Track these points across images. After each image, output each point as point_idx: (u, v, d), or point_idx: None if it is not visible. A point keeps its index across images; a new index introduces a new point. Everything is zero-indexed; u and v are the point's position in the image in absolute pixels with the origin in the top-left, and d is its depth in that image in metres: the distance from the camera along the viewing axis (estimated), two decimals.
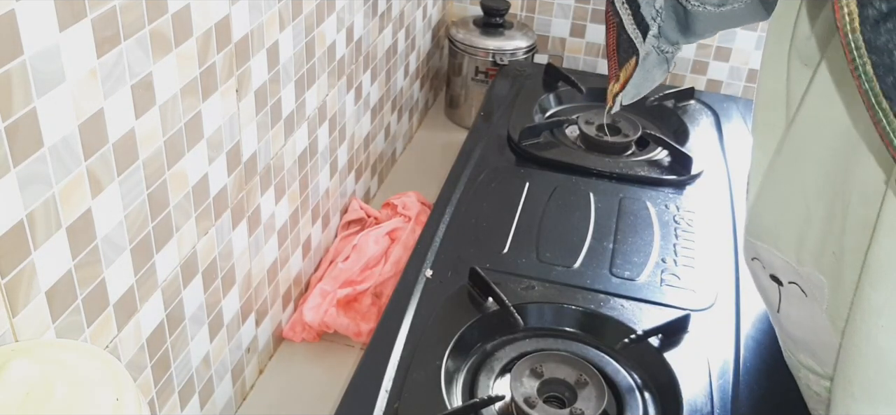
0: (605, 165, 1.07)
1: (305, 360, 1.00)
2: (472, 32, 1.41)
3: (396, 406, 0.71)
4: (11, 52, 0.49)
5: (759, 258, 0.72)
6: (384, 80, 1.24)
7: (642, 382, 0.77)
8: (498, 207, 0.98)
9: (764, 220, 0.71)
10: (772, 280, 0.72)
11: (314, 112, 0.98)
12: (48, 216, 0.55)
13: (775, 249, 0.69)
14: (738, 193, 1.03)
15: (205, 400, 0.84)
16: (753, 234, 0.72)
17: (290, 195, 0.96)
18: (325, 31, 0.96)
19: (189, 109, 0.70)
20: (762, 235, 0.71)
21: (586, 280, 0.87)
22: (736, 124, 1.19)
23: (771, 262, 0.71)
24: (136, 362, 0.70)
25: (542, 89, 1.25)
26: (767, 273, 0.72)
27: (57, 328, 0.58)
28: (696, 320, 0.82)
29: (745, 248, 0.75)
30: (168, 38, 0.65)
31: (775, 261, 0.70)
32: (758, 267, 0.74)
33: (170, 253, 0.71)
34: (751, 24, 1.42)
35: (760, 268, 0.73)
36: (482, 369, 0.78)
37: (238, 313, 0.88)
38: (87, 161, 0.58)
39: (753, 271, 0.76)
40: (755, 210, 0.72)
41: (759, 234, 0.71)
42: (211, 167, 0.76)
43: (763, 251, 0.71)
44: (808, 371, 0.71)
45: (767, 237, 0.70)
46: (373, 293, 1.04)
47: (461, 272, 0.86)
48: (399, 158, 1.41)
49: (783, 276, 0.70)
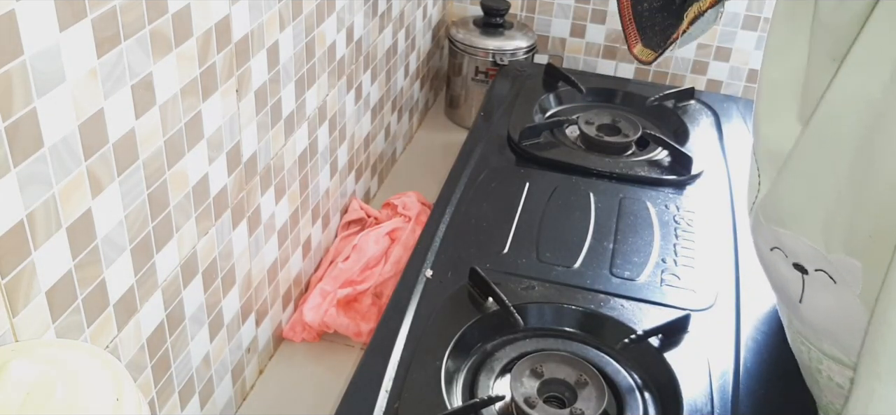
0: (605, 165, 1.07)
1: (305, 360, 1.00)
2: (472, 32, 1.41)
3: (396, 406, 0.71)
4: (11, 52, 0.49)
5: (780, 247, 0.70)
6: (384, 80, 1.24)
7: (642, 382, 0.77)
8: (498, 207, 0.98)
9: (788, 204, 0.68)
10: (795, 270, 0.69)
11: (314, 112, 0.98)
12: (48, 216, 0.55)
13: (802, 235, 0.67)
14: (739, 193, 1.03)
15: (205, 400, 0.84)
16: (775, 220, 0.70)
17: (290, 195, 0.96)
18: (325, 31, 0.96)
19: (189, 109, 0.70)
20: (786, 221, 0.68)
21: (586, 280, 0.87)
22: (736, 124, 1.19)
23: (795, 249, 0.68)
24: (137, 362, 0.70)
25: (542, 89, 1.25)
26: (790, 262, 0.70)
27: (57, 328, 0.58)
28: (696, 320, 0.82)
29: (763, 237, 0.73)
30: (168, 38, 0.65)
31: (800, 248, 0.68)
32: (778, 257, 0.71)
33: (170, 253, 0.71)
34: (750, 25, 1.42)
35: (782, 258, 0.71)
36: (482, 369, 0.78)
37: (238, 313, 0.88)
38: (87, 161, 0.58)
39: (772, 263, 0.73)
40: (777, 195, 0.70)
41: (782, 219, 0.69)
42: (211, 167, 0.76)
43: (787, 239, 0.69)
44: (831, 361, 0.70)
45: (792, 223, 0.68)
46: (373, 293, 1.04)
47: (461, 272, 0.86)
48: (399, 158, 1.41)
49: (809, 264, 0.68)
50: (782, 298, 0.75)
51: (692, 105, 1.22)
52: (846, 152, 0.61)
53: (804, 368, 0.76)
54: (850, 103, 0.61)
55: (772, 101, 0.71)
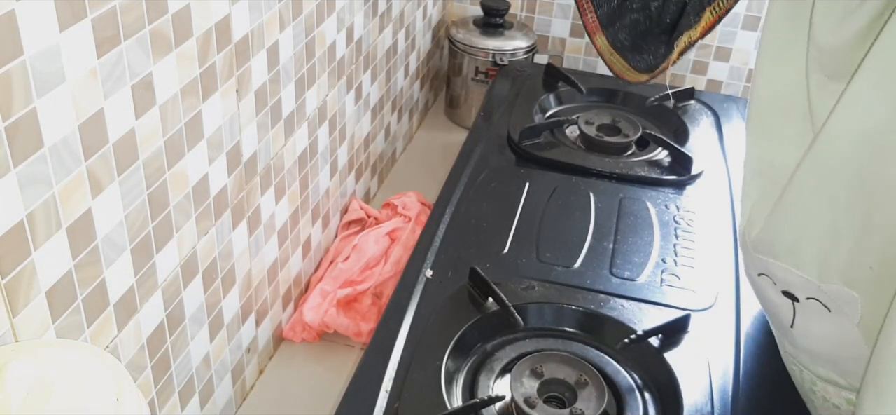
0: (605, 165, 1.07)
1: (305, 360, 1.00)
2: (472, 32, 1.41)
3: (396, 406, 0.71)
4: (11, 52, 0.49)
5: (768, 275, 0.69)
6: (384, 80, 1.24)
7: (642, 382, 0.77)
8: (498, 207, 0.98)
9: (781, 237, 0.67)
10: (785, 296, 0.69)
11: (314, 112, 0.98)
12: (48, 216, 0.55)
13: (794, 267, 0.66)
14: (739, 193, 1.03)
15: (205, 400, 0.84)
16: (765, 251, 0.69)
17: (290, 195, 0.96)
18: (325, 32, 0.96)
19: (189, 109, 0.70)
20: (778, 254, 0.67)
21: (586, 280, 0.87)
22: (736, 124, 1.19)
23: (786, 279, 0.67)
24: (137, 362, 0.70)
25: (542, 89, 1.25)
26: (779, 289, 0.69)
27: (57, 328, 0.58)
28: (696, 320, 0.82)
29: (751, 264, 0.72)
30: (168, 38, 0.65)
31: (791, 278, 0.67)
32: (766, 283, 0.70)
33: (170, 253, 0.71)
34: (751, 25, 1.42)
35: (770, 284, 0.70)
36: (482, 369, 0.78)
37: (238, 314, 0.88)
38: (87, 161, 0.58)
39: (760, 287, 0.72)
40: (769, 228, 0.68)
41: (773, 252, 0.68)
42: (211, 167, 0.76)
43: (777, 269, 0.68)
44: (826, 384, 0.69)
45: (785, 255, 0.67)
46: (373, 293, 1.04)
47: (461, 272, 0.86)
48: (399, 158, 1.41)
49: (800, 292, 0.67)
50: (773, 322, 0.74)
51: (692, 105, 1.22)
52: (846, 184, 0.60)
53: (799, 387, 0.75)
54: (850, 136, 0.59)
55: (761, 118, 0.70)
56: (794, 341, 0.71)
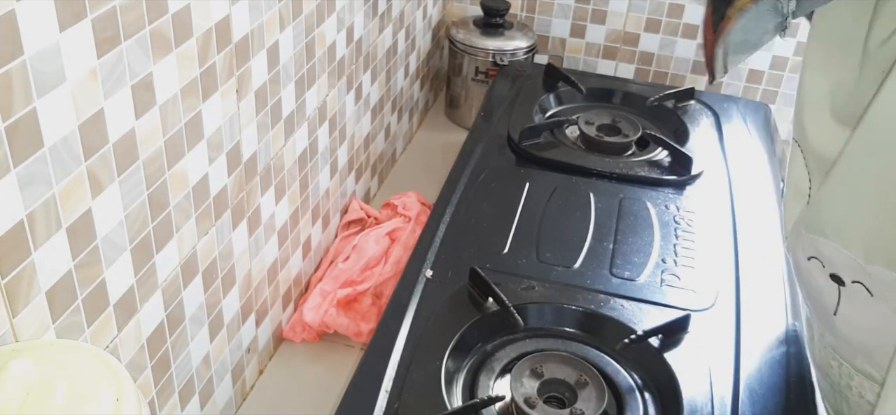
0: (605, 166, 1.07)
1: (305, 360, 1.00)
2: (472, 32, 1.41)
3: (396, 406, 0.71)
4: (11, 52, 0.49)
5: (818, 256, 0.69)
6: (384, 80, 1.24)
7: (642, 382, 0.77)
8: (498, 207, 0.98)
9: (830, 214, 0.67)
10: (831, 280, 0.68)
11: (314, 112, 0.98)
12: (48, 216, 0.55)
13: (841, 246, 0.66)
14: (739, 192, 1.03)
15: (205, 400, 0.84)
16: (816, 230, 0.69)
17: (290, 195, 0.96)
18: (325, 32, 0.96)
19: (189, 110, 0.70)
20: (827, 231, 0.67)
21: (586, 280, 0.87)
22: (736, 124, 1.19)
23: (833, 259, 0.67)
24: (137, 362, 0.70)
25: (542, 89, 1.25)
26: (827, 273, 0.69)
27: (57, 328, 0.58)
28: (696, 321, 0.82)
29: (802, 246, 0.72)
30: (168, 39, 0.65)
31: (839, 258, 0.67)
32: (815, 267, 0.70)
33: (170, 253, 0.71)
34: None
35: (819, 268, 0.69)
36: (482, 369, 0.78)
37: (238, 314, 0.88)
38: (87, 161, 0.58)
39: (807, 272, 0.72)
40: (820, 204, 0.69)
41: (823, 229, 0.68)
42: (211, 167, 0.76)
43: (826, 248, 0.68)
44: (862, 378, 0.69)
45: (833, 233, 0.67)
46: (373, 293, 1.04)
47: (461, 272, 0.86)
48: (399, 158, 1.41)
49: (846, 275, 0.67)
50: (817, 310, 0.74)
51: (692, 105, 1.22)
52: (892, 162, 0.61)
53: (833, 386, 0.75)
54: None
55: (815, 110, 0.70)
56: (836, 331, 0.71)
